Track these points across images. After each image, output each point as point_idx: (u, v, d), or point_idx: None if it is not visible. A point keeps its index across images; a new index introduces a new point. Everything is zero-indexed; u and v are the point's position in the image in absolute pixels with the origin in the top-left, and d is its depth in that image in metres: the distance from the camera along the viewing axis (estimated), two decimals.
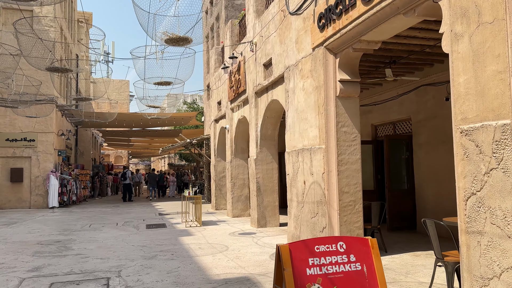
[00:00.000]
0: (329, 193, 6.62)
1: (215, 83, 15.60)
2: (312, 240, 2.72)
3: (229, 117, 13.40)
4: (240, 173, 13.20)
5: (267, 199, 10.54)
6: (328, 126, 6.66)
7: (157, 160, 73.96)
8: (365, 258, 2.78)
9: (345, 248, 2.76)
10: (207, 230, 10.31)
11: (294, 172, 7.99)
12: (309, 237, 7.25)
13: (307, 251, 2.61)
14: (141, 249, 7.95)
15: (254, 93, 10.61)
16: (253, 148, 10.76)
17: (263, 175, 10.55)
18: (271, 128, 10.49)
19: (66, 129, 23.36)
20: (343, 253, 2.73)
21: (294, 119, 7.98)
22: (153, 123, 21.75)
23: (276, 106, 9.93)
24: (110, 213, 15.68)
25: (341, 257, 2.70)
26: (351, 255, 2.74)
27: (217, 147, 15.64)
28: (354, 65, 6.67)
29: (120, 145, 39.23)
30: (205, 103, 20.80)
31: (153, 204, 20.08)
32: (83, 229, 11.15)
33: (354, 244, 2.83)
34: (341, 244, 2.77)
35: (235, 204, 13.07)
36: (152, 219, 13.23)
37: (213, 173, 15.75)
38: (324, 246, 2.71)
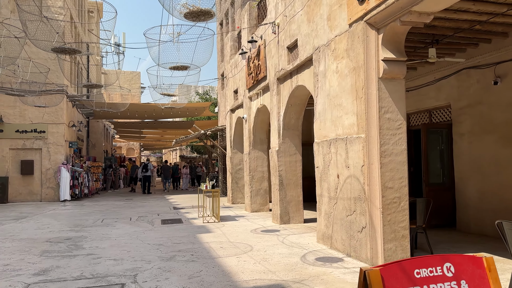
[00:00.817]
0: (369, 189, 5.83)
1: (231, 71, 14.81)
2: (410, 262, 1.97)
3: (246, 106, 12.63)
4: (259, 165, 12.46)
5: (291, 193, 9.78)
6: (368, 112, 5.85)
7: (169, 152, 73.75)
8: (480, 285, 2.03)
9: (454, 271, 2.01)
10: (227, 227, 9.61)
11: (325, 164, 7.21)
12: (344, 237, 6.49)
13: (405, 278, 1.87)
14: (158, 249, 7.27)
15: (276, 79, 9.80)
16: (274, 138, 9.99)
17: (286, 168, 9.79)
18: (294, 117, 9.70)
19: (77, 120, 22.85)
20: (451, 278, 1.98)
21: (325, 106, 7.17)
22: (166, 114, 21.09)
23: (301, 92, 9.12)
24: (123, 206, 15.11)
25: (449, 284, 1.95)
26: (463, 282, 1.99)
27: (234, 138, 14.91)
28: (400, 42, 5.83)
29: (132, 137, 38.78)
30: (219, 93, 20.05)
31: (167, 197, 19.49)
32: (95, 224, 10.55)
33: (465, 265, 2.08)
34: (448, 266, 2.02)
35: (254, 198, 12.35)
36: (167, 213, 12.59)
37: (229, 165, 15.04)
38: (427, 269, 1.96)
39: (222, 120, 19.10)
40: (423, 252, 6.54)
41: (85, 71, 25.53)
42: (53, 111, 18.16)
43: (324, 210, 7.24)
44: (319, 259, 6.27)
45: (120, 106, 20.26)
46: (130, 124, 27.83)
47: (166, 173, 24.24)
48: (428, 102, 9.51)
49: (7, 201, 17.35)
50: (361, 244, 6.02)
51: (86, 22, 27.94)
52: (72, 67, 20.86)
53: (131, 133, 33.52)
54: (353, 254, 6.25)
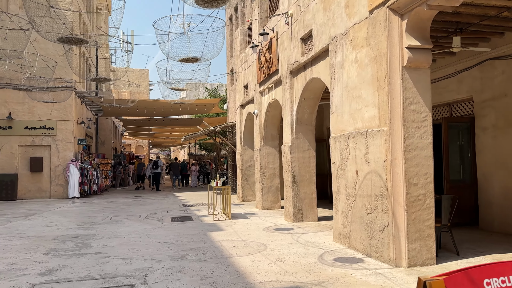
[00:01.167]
0: (393, 185, 5.48)
1: (241, 66, 14.50)
2: (478, 271, 1.64)
3: (257, 101, 12.31)
4: (270, 162, 12.14)
5: (304, 190, 9.45)
6: (392, 103, 5.50)
7: (177, 150, 73.80)
8: None
9: None
10: (238, 225, 9.32)
11: (342, 160, 6.87)
12: (364, 236, 6.16)
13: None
14: (168, 247, 7.00)
15: (289, 72, 9.47)
16: (287, 134, 9.67)
17: (299, 164, 9.46)
18: (308, 112, 9.36)
19: (86, 117, 22.73)
20: None
21: (342, 98, 6.83)
22: (175, 110, 20.86)
23: (316, 85, 8.78)
24: (132, 204, 14.91)
25: None
26: None
27: (244, 134, 14.60)
28: (425, 28, 5.46)
29: (140, 135, 38.68)
30: (229, 89, 19.76)
31: (176, 194, 19.28)
32: (104, 222, 10.32)
33: None
34: None
35: (265, 196, 12.04)
36: (177, 211, 12.35)
37: (239, 162, 14.75)
38: (498, 279, 1.64)
39: (231, 117, 18.81)
40: (448, 253, 6.18)
41: (93, 67, 25.42)
42: (62, 107, 18.03)
43: (342, 207, 6.90)
44: (338, 259, 5.94)
45: (128, 102, 20.07)
46: (139, 121, 27.67)
47: (175, 170, 24.08)
48: (448, 95, 9.10)
49: (16, 198, 17.26)
50: (382, 244, 5.68)
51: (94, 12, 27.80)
52: (81, 63, 20.71)
53: (140, 130, 33.41)
54: (373, 254, 5.91)
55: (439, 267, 5.37)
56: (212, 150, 52.75)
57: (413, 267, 5.36)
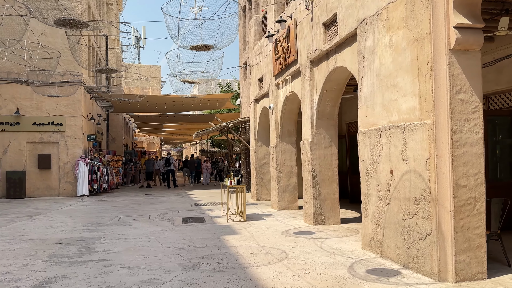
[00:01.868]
0: (437, 187, 4.73)
1: (255, 58, 13.78)
2: None
3: (273, 95, 11.59)
4: (287, 159, 11.42)
5: (325, 190, 8.72)
6: (436, 92, 4.73)
7: (189, 147, 73.56)
8: None
9: None
10: (254, 227, 8.64)
11: (373, 158, 6.13)
12: (400, 244, 5.42)
13: None
14: (179, 254, 6.35)
15: (309, 62, 8.72)
16: (307, 129, 8.93)
17: (320, 162, 8.72)
18: (330, 105, 8.61)
19: (96, 113, 22.28)
20: None
21: (373, 88, 6.07)
22: (186, 106, 20.26)
23: (339, 75, 8.02)
24: (142, 202, 14.34)
25: None
26: None
27: (258, 130, 13.90)
28: (476, 5, 4.68)
29: (152, 131, 38.29)
30: (241, 84, 19.06)
31: (188, 192, 18.69)
32: (111, 223, 9.74)
33: None
34: None
35: (282, 195, 11.33)
36: (188, 210, 11.72)
37: (253, 159, 14.06)
38: None
39: (244, 112, 18.12)
40: (497, 264, 5.40)
41: (104, 61, 24.98)
42: (71, 103, 17.55)
43: (372, 211, 6.16)
44: (371, 271, 5.21)
45: (138, 97, 19.52)
46: (150, 118, 27.19)
47: (192, 167, 23.73)
48: (485, 86, 8.25)
49: (24, 196, 16.86)
50: (424, 255, 4.94)
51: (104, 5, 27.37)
52: (90, 57, 20.22)
53: (151, 127, 32.98)
54: (412, 265, 5.17)
55: (491, 283, 4.62)
56: (224, 147, 52.28)
57: (461, 282, 4.61)
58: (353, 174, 12.41)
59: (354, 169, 12.27)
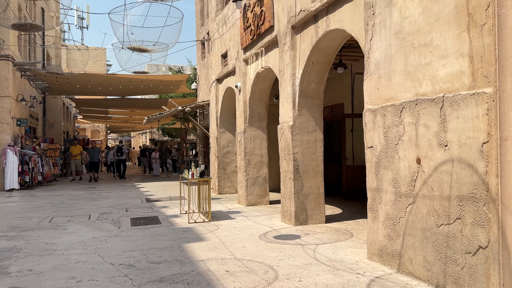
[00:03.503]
0: (500, 182, 3.37)
1: (218, 30, 12.01)
2: None
3: (241, 72, 9.94)
4: (257, 147, 9.87)
5: (309, 184, 7.27)
6: (502, 49, 3.35)
7: (138, 136, 70.09)
8: None
9: None
10: (223, 230, 7.03)
11: (388, 143, 4.71)
12: (431, 258, 4.05)
13: None
14: (126, 275, 4.61)
15: (291, 27, 7.16)
16: (287, 110, 7.41)
17: (302, 150, 7.25)
18: (315, 81, 7.13)
19: (30, 95, 19.43)
20: None
21: (390, 51, 4.63)
22: (135, 88, 18.05)
23: (331, 43, 6.54)
24: (83, 198, 12.21)
25: None
26: None
27: (220, 114, 12.21)
28: None
29: (96, 118, 35.08)
30: (199, 64, 17.19)
31: (137, 185, 16.62)
32: (40, 226, 7.72)
33: None
34: None
35: (250, 189, 9.78)
36: (139, 208, 9.86)
37: (215, 147, 12.38)
38: None
39: (203, 96, 16.31)
40: None
41: (39, 37, 21.96)
42: None
43: (385, 212, 4.76)
44: None
45: (80, 76, 17.04)
46: (94, 102, 24.44)
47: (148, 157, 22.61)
48: None
49: None
50: (473, 274, 3.60)
51: None
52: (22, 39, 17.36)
53: (95, 112, 30.00)
54: (452, 287, 3.82)
55: None
56: (176, 136, 49.83)
57: None
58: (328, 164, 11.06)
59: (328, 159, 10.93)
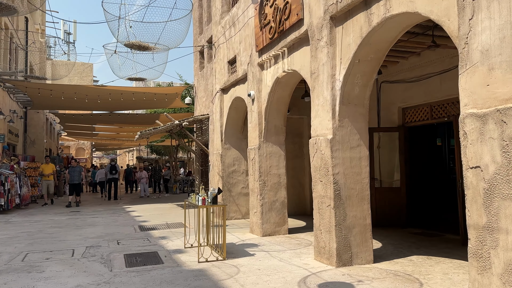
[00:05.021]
0: None
1: (224, 34, 10.62)
2: None
3: (254, 79, 8.52)
4: (274, 166, 8.38)
5: (353, 212, 5.79)
6: None
7: (124, 154, 68.08)
8: None
9: None
10: (246, 274, 5.46)
11: (509, 161, 3.29)
12: None
13: None
14: None
15: (329, 18, 5.80)
16: (324, 120, 5.97)
17: (345, 169, 5.78)
18: (360, 83, 5.73)
19: (9, 108, 17.75)
20: None
21: (507, 32, 3.26)
22: (126, 101, 16.49)
23: (387, 34, 5.18)
24: (65, 225, 10.48)
25: None
26: None
27: (226, 129, 10.72)
28: None
29: (82, 135, 33.15)
30: (196, 75, 15.76)
31: (126, 208, 14.89)
32: (10, 267, 6.03)
33: None
34: None
35: (267, 215, 8.25)
36: (132, 239, 8.21)
37: (219, 166, 10.84)
38: None
39: (201, 109, 14.84)
40: None
41: (22, 51, 20.35)
42: None
43: (506, 261, 3.30)
44: None
45: (65, 88, 15.43)
46: (79, 118, 22.73)
47: (157, 176, 20.91)
48: None
49: None
50: None
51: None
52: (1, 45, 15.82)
53: (81, 129, 28.18)
54: None
55: None
56: (164, 154, 48.02)
57: None
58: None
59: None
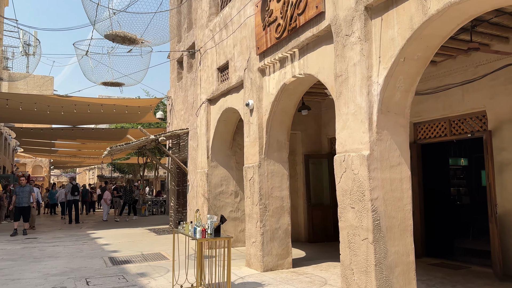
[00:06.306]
0: None
1: (212, 38, 9.44)
2: None
3: (254, 86, 7.37)
4: (276, 187, 7.17)
5: (395, 248, 4.65)
6: None
7: (84, 172, 64.70)
8: None
9: None
10: None
11: None
12: None
13: None
14: None
15: (363, 9, 4.76)
16: (357, 132, 4.87)
17: (385, 194, 4.67)
18: (402, 88, 4.70)
19: None
20: None
21: None
22: (93, 114, 14.83)
23: (444, 26, 4.19)
24: (20, 257, 8.72)
25: None
26: None
27: (213, 144, 9.44)
28: None
29: (40, 151, 30.52)
30: (173, 87, 14.44)
31: (91, 233, 13.10)
32: None
33: None
34: None
35: (268, 246, 6.98)
36: (105, 277, 6.67)
37: (204, 187, 9.50)
38: None
39: (178, 123, 13.48)
40: None
41: None
42: None
43: None
44: None
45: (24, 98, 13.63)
46: (38, 132, 20.63)
47: (128, 197, 18.96)
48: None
49: None
50: None
51: None
52: None
53: (39, 145, 25.80)
54: None
55: None
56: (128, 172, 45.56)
57: None
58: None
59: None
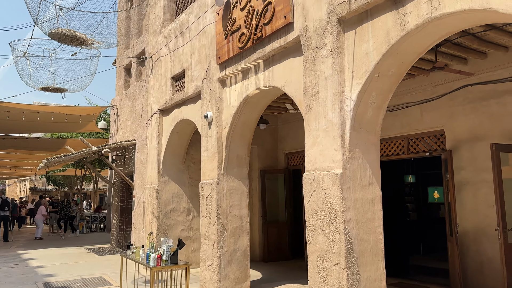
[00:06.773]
0: None
1: (167, 45, 8.89)
2: None
3: (213, 97, 6.93)
4: (235, 205, 6.73)
5: (367, 273, 4.39)
6: None
7: (15, 184, 59.94)
8: None
9: None
10: None
11: None
12: None
13: None
14: None
15: (336, 21, 4.54)
16: (328, 149, 4.59)
17: (357, 215, 4.41)
18: (375, 104, 4.51)
19: None
20: None
21: None
22: (28, 121, 13.52)
23: (420, 41, 4.06)
24: None
25: None
26: None
27: (164, 158, 8.82)
28: None
29: None
30: (119, 95, 13.58)
31: (21, 254, 11.75)
32: None
33: None
34: None
35: (225, 270, 6.48)
36: None
37: (153, 204, 8.82)
38: None
39: (124, 134, 12.63)
40: None
41: None
42: None
43: None
44: None
45: None
46: None
47: (65, 213, 17.39)
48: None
49: None
50: None
51: None
52: None
53: None
54: None
55: None
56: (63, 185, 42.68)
57: None
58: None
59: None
